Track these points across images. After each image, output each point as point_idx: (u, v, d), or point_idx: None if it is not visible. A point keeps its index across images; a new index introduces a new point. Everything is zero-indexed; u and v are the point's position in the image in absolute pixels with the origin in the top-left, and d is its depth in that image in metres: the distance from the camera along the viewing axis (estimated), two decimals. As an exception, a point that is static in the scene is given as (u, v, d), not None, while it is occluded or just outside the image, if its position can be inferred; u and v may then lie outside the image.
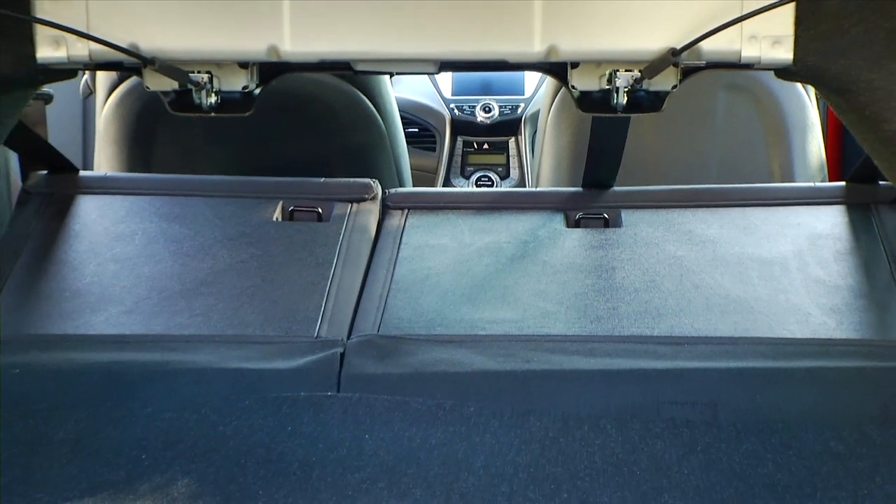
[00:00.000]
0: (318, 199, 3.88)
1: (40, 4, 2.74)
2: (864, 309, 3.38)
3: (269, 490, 2.92)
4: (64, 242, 3.72)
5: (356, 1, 2.75)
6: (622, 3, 2.72)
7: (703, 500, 2.89)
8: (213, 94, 2.90)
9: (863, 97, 2.68)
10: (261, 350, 3.25)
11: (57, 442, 3.06)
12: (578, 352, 3.21)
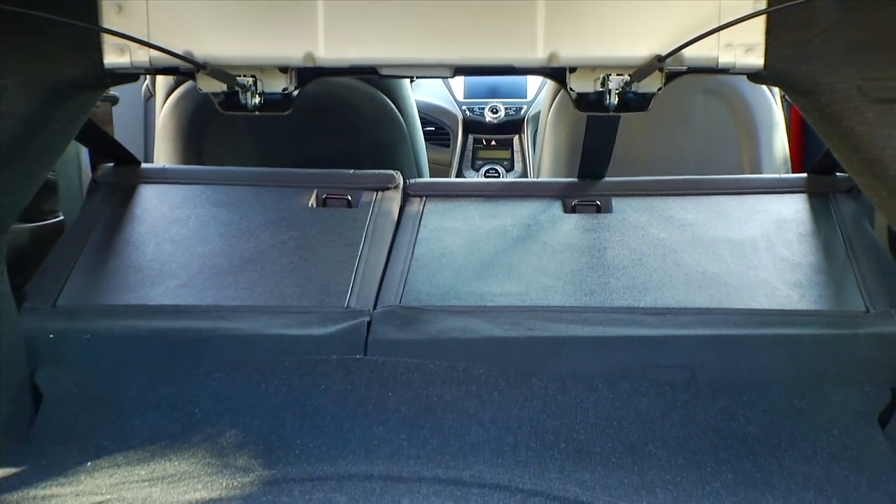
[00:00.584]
0: (348, 188, 3.88)
1: (107, 17, 2.74)
2: (823, 284, 3.38)
3: (305, 440, 2.94)
4: (127, 225, 3.72)
5: (382, 13, 2.74)
6: (614, 15, 2.71)
7: (682, 450, 2.89)
8: (257, 95, 2.90)
9: (824, 98, 2.67)
10: (298, 319, 3.25)
11: (122, 398, 3.08)
12: (574, 321, 3.21)
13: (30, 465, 2.83)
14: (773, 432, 2.93)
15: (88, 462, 2.83)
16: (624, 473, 2.74)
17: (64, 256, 3.56)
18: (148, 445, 2.92)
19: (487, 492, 2.63)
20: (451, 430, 2.94)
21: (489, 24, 2.74)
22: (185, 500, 2.60)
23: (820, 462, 2.79)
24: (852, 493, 2.63)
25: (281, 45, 2.77)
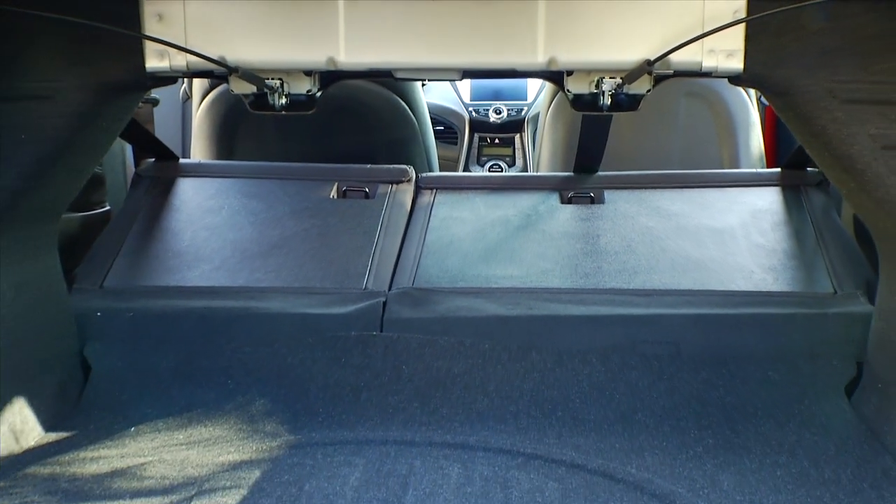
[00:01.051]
0: (366, 181, 3.88)
1: (149, 25, 2.74)
2: (795, 268, 3.37)
3: (328, 408, 2.95)
4: (167, 215, 3.73)
5: (397, 22, 2.73)
6: (608, 24, 2.70)
7: (668, 418, 2.89)
8: (284, 96, 2.89)
9: (798, 99, 2.66)
10: (320, 299, 3.25)
11: (161, 370, 3.09)
12: (570, 301, 3.21)
13: (80, 430, 2.84)
14: (750, 402, 2.92)
15: (132, 427, 2.84)
16: (615, 439, 2.74)
17: (110, 243, 3.56)
18: (185, 413, 2.93)
19: (492, 455, 2.64)
20: (458, 400, 2.94)
21: (494, 31, 2.73)
22: (219, 461, 2.60)
23: (792, 429, 2.79)
24: (821, 457, 2.62)
25: (306, 51, 2.76)
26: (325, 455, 2.62)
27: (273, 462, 2.59)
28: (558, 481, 2.48)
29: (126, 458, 2.65)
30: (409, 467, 2.53)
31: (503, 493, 2.41)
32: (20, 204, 2.79)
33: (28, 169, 2.75)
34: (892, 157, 2.58)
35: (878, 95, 2.59)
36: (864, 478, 2.52)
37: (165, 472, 2.54)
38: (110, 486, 2.48)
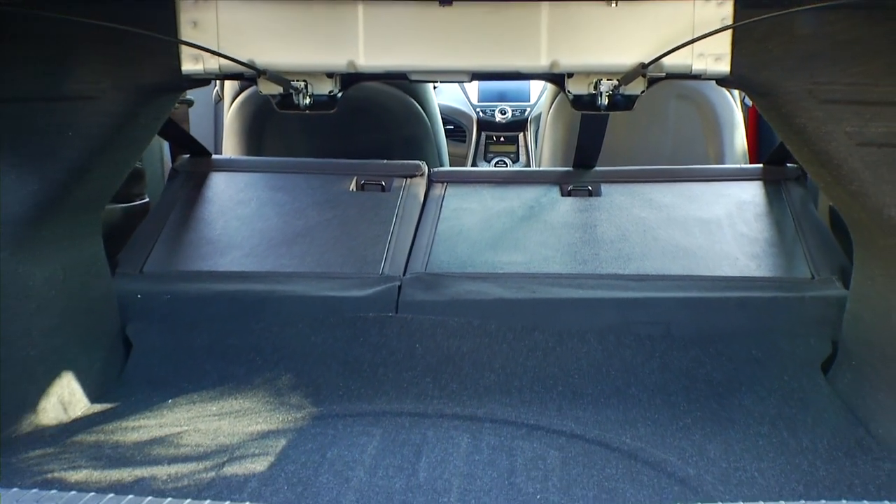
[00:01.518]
0: (382, 175, 3.88)
1: (185, 31, 2.73)
2: (776, 255, 3.36)
3: (347, 383, 2.94)
4: (201, 206, 3.73)
5: (412, 28, 2.73)
6: (605, 30, 2.69)
7: (659, 392, 2.89)
8: (308, 96, 2.89)
9: (780, 99, 2.64)
10: (340, 283, 3.25)
11: (196, 347, 3.09)
12: (570, 285, 3.20)
13: (122, 402, 2.85)
14: (735, 378, 2.92)
15: (169, 400, 2.84)
16: (611, 411, 2.73)
17: (149, 231, 3.57)
18: (218, 386, 2.94)
19: (498, 426, 2.63)
20: (467, 376, 2.94)
21: (501, 37, 2.72)
22: (249, 431, 2.60)
23: (773, 402, 2.78)
24: (800, 427, 2.62)
25: (328, 55, 2.75)
26: (345, 425, 2.62)
27: (297, 432, 2.59)
28: (559, 450, 2.47)
29: (164, 427, 2.65)
30: (422, 437, 2.53)
31: (508, 460, 2.40)
32: (67, 195, 2.79)
33: (74, 163, 2.74)
34: (866, 153, 2.57)
35: (854, 96, 2.58)
36: (838, 447, 2.51)
37: (200, 441, 2.54)
38: (150, 452, 2.49)
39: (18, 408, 2.64)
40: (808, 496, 2.24)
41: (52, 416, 2.70)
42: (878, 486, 2.29)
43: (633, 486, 2.28)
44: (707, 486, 2.29)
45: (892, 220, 2.57)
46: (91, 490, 1.72)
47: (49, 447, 2.51)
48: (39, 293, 2.74)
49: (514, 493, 2.24)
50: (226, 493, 2.23)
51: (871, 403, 2.67)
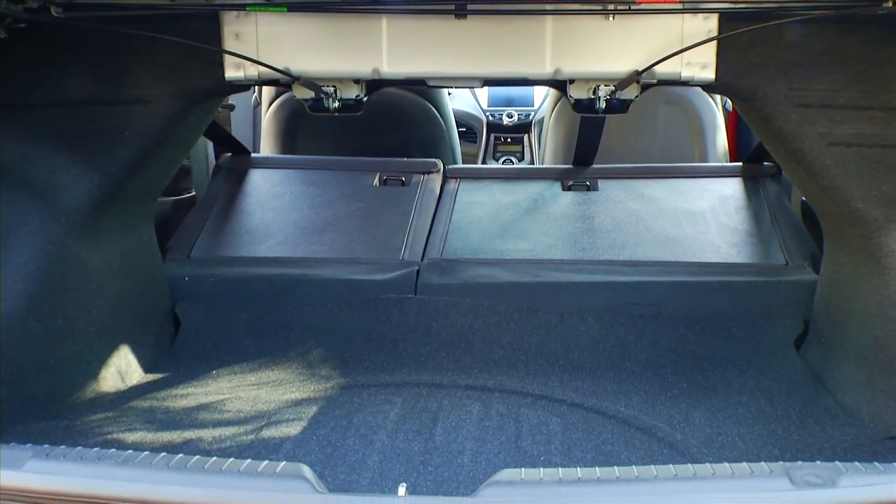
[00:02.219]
0: (402, 172, 3.87)
1: (228, 42, 2.73)
2: (754, 244, 3.35)
3: (371, 356, 2.94)
4: (241, 199, 3.73)
5: (429, 39, 2.72)
6: (604, 41, 2.68)
7: (650, 366, 2.88)
8: (337, 100, 2.88)
9: (760, 103, 2.63)
10: (365, 267, 3.24)
11: (236, 324, 3.09)
12: (570, 270, 3.19)
13: (172, 373, 2.85)
14: (717, 353, 2.91)
15: (213, 371, 2.85)
16: (607, 383, 2.72)
17: (195, 221, 3.57)
18: (256, 359, 2.94)
19: (506, 395, 2.63)
20: (478, 350, 2.94)
21: (510, 47, 2.71)
22: (283, 399, 2.60)
23: (751, 375, 2.78)
24: (775, 397, 2.61)
25: (355, 63, 2.75)
26: (369, 394, 2.62)
27: (327, 400, 2.59)
28: (561, 417, 2.47)
29: (209, 395, 2.66)
30: (438, 405, 2.53)
31: (515, 426, 2.40)
32: (123, 189, 2.79)
33: (130, 160, 2.75)
34: (836, 152, 2.55)
35: (826, 100, 2.57)
36: (809, 414, 2.50)
37: (240, 407, 2.55)
38: (196, 417, 2.49)
39: (81, 377, 2.65)
40: (782, 458, 2.24)
41: (111, 385, 2.71)
42: (844, 448, 2.29)
43: (627, 449, 2.28)
44: (693, 450, 2.28)
45: (859, 212, 2.56)
46: (145, 450, 1.73)
47: (108, 412, 2.52)
48: (99, 276, 2.75)
49: (520, 455, 2.24)
50: (264, 453, 2.24)
51: (838, 376, 2.67)
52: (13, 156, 2.58)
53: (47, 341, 2.54)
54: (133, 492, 1.50)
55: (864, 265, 2.59)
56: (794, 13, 2.43)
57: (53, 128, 2.68)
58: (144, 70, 2.73)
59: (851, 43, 2.53)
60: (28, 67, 2.57)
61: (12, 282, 2.46)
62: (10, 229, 2.51)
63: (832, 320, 2.82)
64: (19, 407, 2.40)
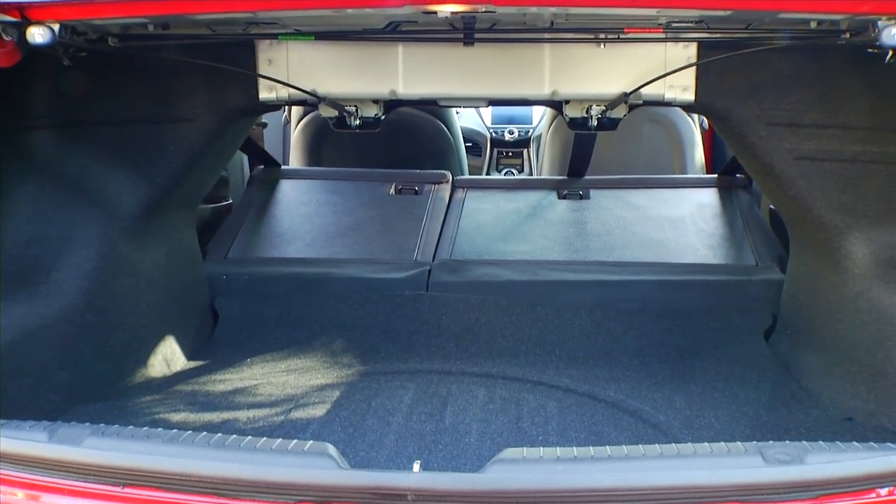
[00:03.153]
0: (415, 182, 3.86)
1: (262, 67, 2.74)
2: (728, 247, 3.34)
3: (387, 347, 2.93)
4: (272, 206, 3.72)
5: (440, 65, 2.73)
6: (596, 66, 2.68)
7: (637, 356, 2.86)
8: (358, 118, 2.88)
9: (734, 122, 2.62)
10: (382, 267, 3.23)
11: (268, 317, 3.08)
12: (566, 270, 3.17)
13: (211, 360, 2.85)
14: (696, 344, 2.90)
15: (248, 359, 2.84)
16: (598, 370, 2.72)
17: (232, 226, 3.56)
18: (285, 349, 2.93)
19: (508, 381, 2.62)
20: (483, 341, 2.93)
21: (513, 71, 2.71)
22: (310, 384, 2.60)
23: (726, 363, 2.76)
24: (748, 382, 2.60)
25: (374, 85, 2.75)
26: (386, 380, 2.62)
27: (348, 385, 2.58)
28: (557, 401, 2.46)
29: (243, 380, 2.66)
30: (447, 390, 2.52)
31: (516, 409, 2.40)
32: (169, 197, 2.80)
33: (175, 172, 2.75)
34: (801, 165, 2.55)
35: (792, 120, 2.56)
36: (777, 398, 2.50)
37: (271, 391, 2.55)
38: (233, 400, 2.49)
39: (132, 363, 2.65)
40: (754, 437, 2.23)
41: (158, 371, 2.71)
42: (808, 428, 2.28)
43: (616, 430, 2.27)
44: (675, 430, 2.28)
45: (821, 219, 2.55)
46: (188, 429, 1.73)
47: (155, 394, 2.52)
48: (147, 274, 2.76)
49: (520, 435, 2.24)
50: (292, 433, 2.24)
51: (802, 364, 2.66)
52: (75, 167, 2.59)
53: (103, 332, 2.55)
54: (177, 467, 1.50)
55: (826, 266, 2.59)
56: (764, 42, 2.43)
57: (109, 143, 2.68)
58: (189, 92, 2.74)
59: (814, 69, 2.53)
60: (88, 91, 2.58)
61: (73, 279, 2.47)
62: (70, 232, 2.52)
63: (797, 314, 2.81)
64: (79, 389, 2.41)
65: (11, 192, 2.43)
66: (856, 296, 2.44)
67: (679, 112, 4.48)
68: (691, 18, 2.34)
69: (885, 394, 2.27)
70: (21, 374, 2.25)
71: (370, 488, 1.45)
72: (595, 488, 1.44)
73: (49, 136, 2.56)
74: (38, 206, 2.48)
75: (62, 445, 1.53)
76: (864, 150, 2.48)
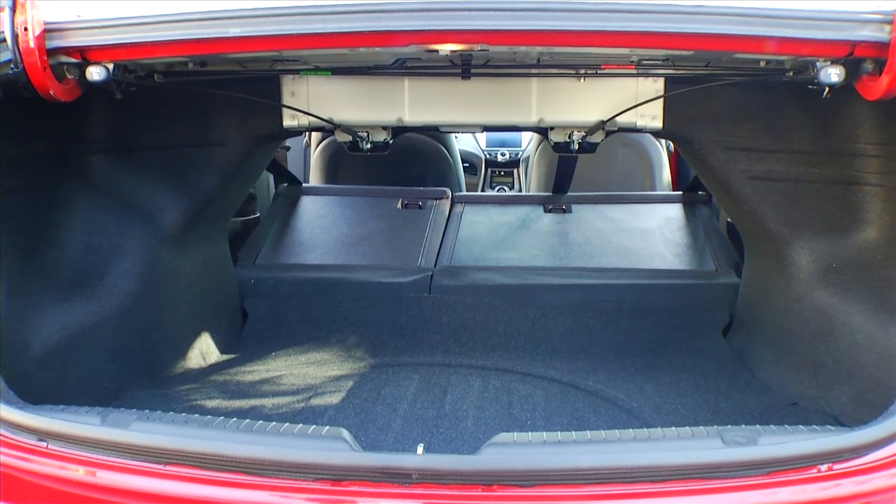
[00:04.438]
0: (419, 197, 3.85)
1: (286, 98, 2.74)
2: (691, 254, 3.33)
3: (395, 342, 2.93)
4: (294, 219, 3.72)
5: (441, 97, 2.73)
6: (577, 97, 2.69)
7: (613, 349, 2.86)
8: (369, 143, 2.88)
9: (696, 147, 2.63)
10: (390, 272, 3.22)
11: (291, 316, 3.08)
12: (550, 274, 3.17)
13: (241, 354, 2.85)
14: (664, 339, 2.90)
15: (273, 353, 2.85)
16: (580, 363, 2.72)
17: (260, 236, 3.56)
18: (305, 344, 2.94)
19: (500, 373, 2.62)
20: (479, 338, 2.93)
21: (504, 102, 2.72)
22: (326, 375, 2.60)
23: (690, 355, 2.77)
24: (708, 372, 2.61)
25: (383, 114, 2.76)
26: (393, 372, 2.62)
27: (360, 376, 2.59)
28: (543, 390, 2.46)
29: (269, 372, 2.66)
30: (447, 381, 2.52)
31: (507, 397, 2.40)
32: (205, 211, 2.80)
33: (210, 190, 2.76)
34: (754, 184, 2.56)
35: (745, 144, 2.57)
36: (734, 386, 2.50)
37: (293, 381, 2.55)
38: (260, 388, 2.50)
39: (172, 356, 2.66)
40: (714, 421, 2.23)
41: (195, 362, 2.72)
42: (760, 412, 2.29)
43: (595, 415, 2.28)
44: (646, 415, 2.28)
45: (771, 231, 2.57)
46: (221, 414, 1.73)
47: (193, 384, 2.52)
48: (187, 278, 2.76)
49: (511, 420, 2.24)
50: (311, 418, 2.24)
51: (755, 356, 2.67)
52: (125, 186, 2.60)
53: (147, 328, 2.55)
54: (212, 448, 1.50)
55: (775, 271, 2.60)
56: (721, 78, 2.44)
57: (154, 165, 2.69)
58: (222, 120, 2.75)
59: (763, 102, 2.55)
60: (137, 120, 2.59)
61: (122, 283, 2.48)
62: (120, 242, 2.53)
63: (751, 313, 2.82)
64: (127, 378, 2.42)
65: (71, 207, 2.44)
66: (800, 297, 2.46)
67: (649, 137, 4.48)
68: (659, 57, 2.35)
69: (824, 381, 2.29)
70: (80, 364, 2.27)
71: (379, 468, 1.46)
72: (577, 468, 1.44)
73: (103, 159, 2.57)
74: (93, 220, 2.49)
75: (113, 429, 1.54)
76: (807, 172, 2.49)
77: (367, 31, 1.75)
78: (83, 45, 1.87)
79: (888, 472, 1.43)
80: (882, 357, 2.07)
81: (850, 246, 2.36)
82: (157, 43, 1.83)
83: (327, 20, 1.75)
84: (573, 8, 1.71)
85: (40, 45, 1.82)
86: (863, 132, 2.29)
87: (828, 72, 1.84)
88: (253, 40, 1.81)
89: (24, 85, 1.86)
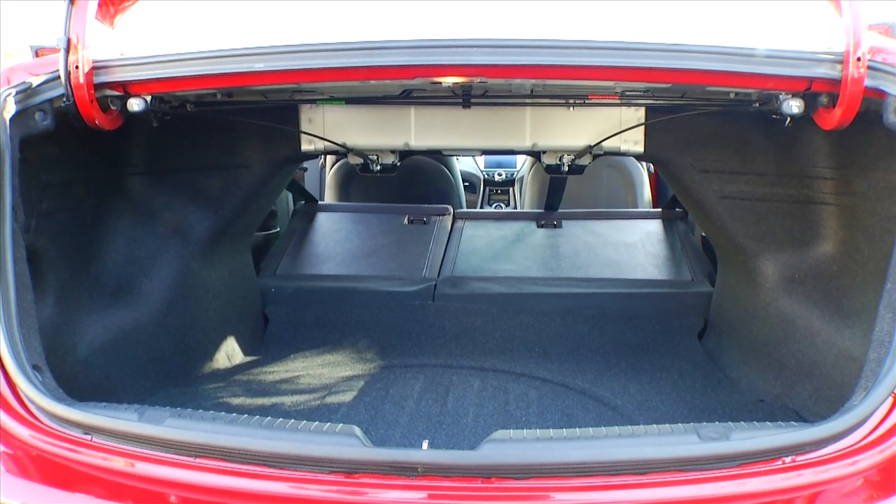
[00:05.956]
0: (424, 214, 3.85)
1: (304, 125, 2.76)
2: (670, 266, 3.34)
3: (401, 345, 2.93)
4: (311, 233, 3.72)
5: (444, 123, 2.74)
6: (567, 124, 2.70)
7: (599, 351, 2.86)
8: (378, 165, 2.89)
9: (674, 169, 2.64)
10: (398, 282, 3.23)
11: (306, 321, 3.08)
12: (543, 284, 3.17)
13: (263, 356, 2.86)
14: (645, 342, 2.90)
15: (291, 355, 2.85)
16: (569, 364, 2.72)
17: (279, 249, 3.57)
18: (320, 347, 2.93)
19: (497, 373, 2.62)
20: (478, 341, 2.93)
21: (501, 128, 2.74)
22: (340, 375, 2.60)
23: (668, 357, 2.77)
24: (685, 373, 2.60)
25: (391, 139, 2.77)
26: (400, 373, 2.62)
27: (370, 376, 2.58)
28: (536, 389, 2.46)
29: (288, 372, 2.66)
30: (449, 381, 2.52)
31: (504, 396, 2.40)
32: (231, 226, 2.81)
33: (236, 207, 2.77)
34: (726, 203, 2.57)
35: (718, 167, 2.58)
36: (708, 385, 2.51)
37: (310, 381, 2.55)
38: (279, 387, 2.50)
39: (202, 357, 2.66)
40: (691, 417, 2.23)
41: (221, 363, 2.72)
42: (731, 409, 2.29)
43: (584, 412, 2.28)
44: (629, 412, 2.28)
45: (741, 244, 2.57)
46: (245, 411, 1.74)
47: (219, 383, 2.53)
48: (214, 287, 2.77)
49: (508, 417, 2.24)
50: (326, 415, 2.24)
51: (726, 357, 2.67)
52: (160, 204, 2.62)
53: (179, 332, 2.56)
54: (236, 443, 1.51)
55: (744, 281, 2.61)
56: (696, 108, 2.46)
57: (186, 185, 2.71)
58: (247, 145, 2.76)
59: (732, 129, 2.56)
60: (171, 145, 2.60)
61: (157, 291, 2.49)
62: (155, 254, 2.54)
63: (723, 319, 2.82)
64: (162, 377, 2.43)
65: (113, 224, 2.46)
66: (766, 304, 2.47)
67: (632, 160, 4.48)
68: (640, 89, 2.37)
69: (787, 380, 2.30)
70: (120, 365, 2.28)
71: (388, 462, 1.46)
72: (567, 462, 1.45)
73: (141, 180, 2.58)
74: (132, 235, 2.50)
75: (149, 424, 1.55)
76: (772, 192, 2.50)
77: (378, 65, 1.79)
78: (125, 80, 1.92)
79: (843, 463, 1.46)
80: (838, 358, 2.09)
81: (810, 258, 2.38)
82: (190, 77, 1.87)
83: (342, 56, 1.79)
84: (563, 45, 1.74)
85: (89, 80, 1.88)
86: (820, 157, 2.31)
87: (789, 104, 1.91)
88: (275, 74, 1.84)
89: (74, 116, 1.92)
